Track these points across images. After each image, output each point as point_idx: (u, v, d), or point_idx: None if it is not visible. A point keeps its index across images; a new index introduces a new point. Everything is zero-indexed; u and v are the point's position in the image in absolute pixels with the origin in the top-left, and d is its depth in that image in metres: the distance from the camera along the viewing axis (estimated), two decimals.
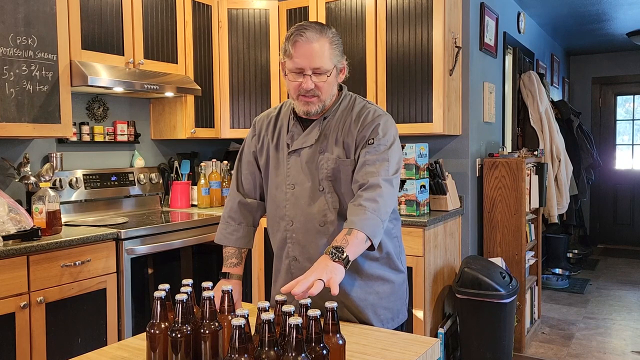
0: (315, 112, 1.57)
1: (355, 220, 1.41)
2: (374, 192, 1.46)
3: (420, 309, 2.82)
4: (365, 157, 1.52)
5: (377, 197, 1.45)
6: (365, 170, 1.51)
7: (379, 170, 1.50)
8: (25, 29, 2.41)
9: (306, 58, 1.50)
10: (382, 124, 1.56)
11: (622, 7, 4.81)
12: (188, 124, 3.36)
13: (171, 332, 1.14)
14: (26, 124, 2.44)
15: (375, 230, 1.42)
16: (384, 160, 1.52)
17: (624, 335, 3.88)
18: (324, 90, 1.55)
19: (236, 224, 1.73)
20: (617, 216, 7.05)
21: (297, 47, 1.51)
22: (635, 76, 6.82)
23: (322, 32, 1.52)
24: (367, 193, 1.46)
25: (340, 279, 1.29)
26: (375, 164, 1.51)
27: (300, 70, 1.52)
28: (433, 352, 1.35)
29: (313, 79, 1.52)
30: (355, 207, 1.45)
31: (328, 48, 1.52)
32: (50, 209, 2.43)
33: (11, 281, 2.15)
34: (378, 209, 1.44)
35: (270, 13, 3.58)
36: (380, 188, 1.47)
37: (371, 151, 1.53)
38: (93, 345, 2.40)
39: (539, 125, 4.52)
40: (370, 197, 1.45)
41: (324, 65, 1.52)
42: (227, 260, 1.72)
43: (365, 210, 1.42)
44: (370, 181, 1.48)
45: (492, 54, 3.75)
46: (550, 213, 4.48)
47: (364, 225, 1.40)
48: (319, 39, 1.51)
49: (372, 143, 1.53)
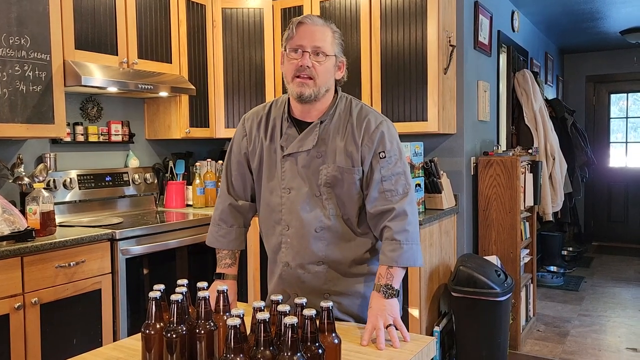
0: (309, 97, 1.52)
1: (394, 257, 1.50)
2: (403, 222, 1.52)
3: (416, 307, 2.82)
4: (382, 174, 1.55)
5: (407, 226, 1.52)
6: (384, 187, 1.54)
7: (397, 187, 1.55)
8: (17, 29, 2.40)
9: (308, 36, 1.52)
10: (387, 133, 1.57)
11: (616, 5, 4.83)
12: (182, 124, 3.35)
13: (166, 333, 1.13)
14: (19, 124, 2.43)
15: (413, 259, 1.51)
16: (399, 175, 1.56)
17: (619, 332, 3.89)
18: (320, 73, 1.53)
19: (227, 227, 1.72)
20: (611, 214, 7.08)
21: (302, 27, 1.53)
22: (628, 74, 6.85)
23: (326, 22, 1.57)
24: (396, 224, 1.52)
25: (399, 314, 1.46)
26: (391, 180, 1.55)
27: (299, 47, 1.52)
28: (429, 350, 1.35)
29: (312, 58, 1.52)
30: (390, 243, 1.51)
31: (331, 36, 1.55)
32: (44, 210, 2.42)
33: (5, 282, 2.14)
34: (411, 238, 1.52)
35: (264, 12, 3.57)
36: (407, 216, 1.53)
37: (385, 166, 1.55)
38: (88, 346, 2.37)
39: (533, 124, 4.54)
40: (400, 229, 1.51)
41: (325, 46, 1.53)
42: (220, 262, 1.71)
43: (401, 245, 1.50)
44: (396, 209, 1.52)
45: (486, 53, 3.76)
46: (545, 211, 4.49)
47: (402, 260, 1.49)
48: (323, 25, 1.55)
49: (384, 157, 1.55)
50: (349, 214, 1.58)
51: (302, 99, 1.54)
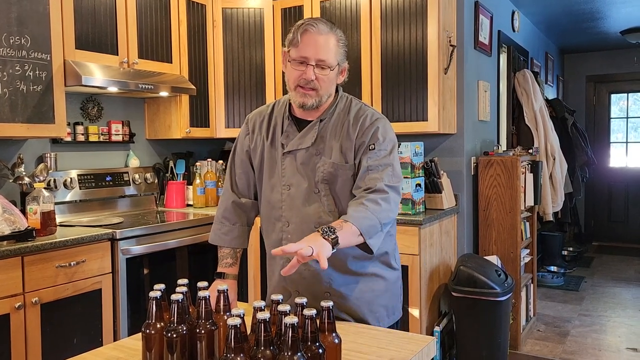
0: (311, 106, 1.55)
1: (353, 215, 1.42)
2: (378, 195, 1.48)
3: (416, 307, 2.83)
4: (368, 163, 1.53)
5: (380, 200, 1.47)
6: (369, 176, 1.52)
7: (383, 176, 1.52)
8: (18, 29, 2.40)
9: (313, 48, 1.51)
10: (381, 128, 1.57)
11: (616, 5, 4.83)
12: (183, 124, 3.36)
13: (167, 332, 1.13)
14: (20, 124, 2.43)
15: (370, 230, 1.43)
16: (386, 166, 1.54)
17: (619, 332, 3.89)
18: (323, 85, 1.54)
19: (231, 224, 1.72)
20: (611, 214, 7.08)
21: (307, 35, 1.52)
22: (629, 74, 6.85)
23: (332, 28, 1.56)
24: (372, 195, 1.48)
25: (327, 255, 1.28)
26: (378, 170, 1.53)
27: (304, 59, 1.52)
28: (429, 350, 1.35)
29: (315, 70, 1.52)
30: (357, 205, 1.46)
31: (335, 44, 1.55)
32: (45, 210, 2.42)
33: (6, 282, 2.14)
34: (379, 211, 1.45)
35: (264, 12, 3.57)
36: (386, 194, 1.49)
37: (372, 156, 1.54)
38: (89, 346, 2.38)
39: (533, 124, 4.54)
40: (373, 198, 1.47)
41: (329, 59, 1.53)
42: (222, 261, 1.71)
43: (366, 209, 1.44)
44: (377, 186, 1.49)
45: (486, 53, 3.76)
46: (545, 211, 4.49)
47: (361, 222, 1.41)
48: (328, 32, 1.54)
49: (373, 149, 1.54)
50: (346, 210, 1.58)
51: (304, 108, 1.57)
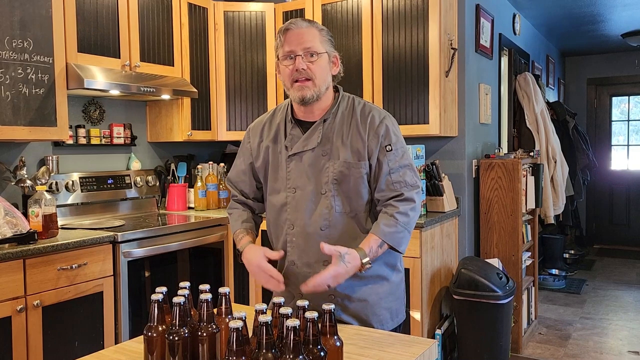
0: (311, 98, 1.56)
1: (387, 233, 1.53)
2: (408, 206, 1.57)
3: (418, 310, 2.82)
4: (389, 166, 1.58)
5: (410, 211, 1.57)
6: (392, 179, 1.58)
7: (405, 178, 1.59)
8: (21, 32, 2.41)
9: (296, 39, 1.56)
10: (391, 127, 1.62)
11: (617, 9, 4.83)
12: (184, 127, 3.36)
13: (168, 335, 1.13)
14: (22, 127, 2.43)
15: (402, 241, 1.56)
16: (406, 167, 1.61)
17: (621, 335, 3.89)
18: (317, 72, 1.56)
19: (240, 211, 1.77)
20: (613, 216, 7.07)
21: (288, 33, 1.57)
22: (630, 77, 6.85)
23: (311, 22, 1.61)
24: (402, 205, 1.56)
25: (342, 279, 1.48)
26: (399, 172, 1.59)
27: (291, 53, 1.56)
28: (430, 353, 1.35)
29: (305, 59, 1.55)
30: (389, 218, 1.55)
31: (317, 34, 1.59)
32: (47, 212, 2.42)
33: (7, 285, 2.14)
34: (409, 223, 1.57)
35: (266, 15, 3.58)
36: (413, 202, 1.58)
37: (392, 158, 1.59)
38: (90, 349, 2.40)
39: (534, 126, 4.54)
40: (403, 210, 1.55)
41: (314, 45, 1.56)
42: (239, 243, 1.69)
43: (397, 225, 1.54)
44: (405, 194, 1.57)
45: (487, 56, 3.76)
46: (547, 214, 4.49)
47: (393, 239, 1.53)
48: (308, 26, 1.59)
49: (390, 150, 1.59)
50: (357, 210, 1.61)
51: (304, 102, 1.58)
